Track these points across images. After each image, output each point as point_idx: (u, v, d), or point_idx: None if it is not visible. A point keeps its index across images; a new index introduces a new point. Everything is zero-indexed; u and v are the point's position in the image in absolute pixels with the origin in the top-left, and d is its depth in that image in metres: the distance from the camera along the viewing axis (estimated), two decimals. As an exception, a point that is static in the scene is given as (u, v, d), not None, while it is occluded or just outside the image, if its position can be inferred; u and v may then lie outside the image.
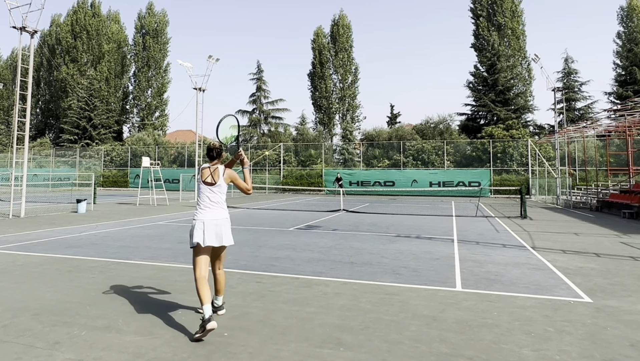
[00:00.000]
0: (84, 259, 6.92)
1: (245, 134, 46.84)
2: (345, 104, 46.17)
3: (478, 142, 35.11)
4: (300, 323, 4.02)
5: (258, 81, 47.22)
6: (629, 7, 39.60)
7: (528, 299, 4.86)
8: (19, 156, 15.20)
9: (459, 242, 9.15)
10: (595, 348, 3.49)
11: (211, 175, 4.15)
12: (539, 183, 28.69)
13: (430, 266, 6.64)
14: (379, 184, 32.74)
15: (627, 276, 6.06)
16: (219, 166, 4.22)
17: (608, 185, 23.87)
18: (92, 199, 18.62)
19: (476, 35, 41.83)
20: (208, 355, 3.31)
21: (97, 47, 49.91)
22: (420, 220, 13.82)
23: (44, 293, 4.94)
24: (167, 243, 8.68)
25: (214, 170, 4.18)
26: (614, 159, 29.61)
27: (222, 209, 4.14)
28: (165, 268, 6.40)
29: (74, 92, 46.93)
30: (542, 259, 7.22)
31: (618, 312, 4.44)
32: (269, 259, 7.05)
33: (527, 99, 39.08)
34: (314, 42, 46.72)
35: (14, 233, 10.06)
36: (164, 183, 24.87)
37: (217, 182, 4.13)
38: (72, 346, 3.44)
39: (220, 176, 4.15)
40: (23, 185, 14.38)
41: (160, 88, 51.05)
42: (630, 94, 32.43)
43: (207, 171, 4.19)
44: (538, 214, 16.28)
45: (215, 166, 4.21)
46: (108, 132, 47.14)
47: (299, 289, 5.24)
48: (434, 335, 3.76)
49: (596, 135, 27.19)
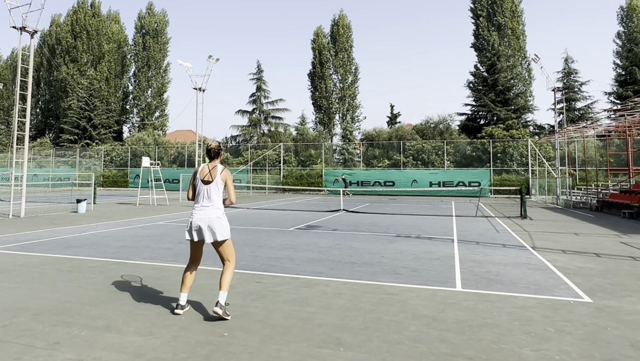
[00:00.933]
0: (84, 259, 6.92)
1: (245, 134, 46.86)
2: (345, 104, 46.18)
3: (478, 142, 35.11)
4: (300, 323, 4.02)
5: (258, 81, 47.21)
6: (629, 7, 39.60)
7: (528, 300, 4.86)
8: (19, 156, 15.20)
9: (459, 242, 9.15)
10: (595, 348, 3.48)
11: (209, 173, 4.26)
12: (539, 183, 28.69)
13: (430, 266, 6.64)
14: (379, 184, 32.75)
15: (627, 276, 6.06)
16: (218, 165, 4.33)
17: (608, 185, 23.87)
18: (92, 199, 18.62)
19: (476, 35, 41.83)
20: (208, 355, 3.31)
21: (97, 47, 49.92)
22: (420, 220, 13.82)
23: (44, 293, 4.94)
24: (167, 243, 8.68)
25: (213, 168, 4.29)
26: (614, 159, 29.61)
27: (215, 208, 4.22)
28: (165, 268, 6.40)
29: (74, 92, 46.93)
30: (542, 259, 7.22)
31: (618, 312, 4.44)
32: (269, 259, 7.05)
33: (527, 99, 39.08)
34: (314, 42, 46.72)
35: (14, 233, 10.06)
36: (164, 183, 24.87)
37: (214, 180, 4.23)
38: (72, 346, 3.44)
39: (218, 175, 4.25)
40: (23, 185, 14.39)
41: (160, 88, 51.06)
42: (630, 94, 32.43)
43: (205, 169, 4.31)
44: (538, 214, 16.28)
45: (214, 165, 4.33)
46: (108, 132, 47.13)
47: (299, 289, 5.23)
48: (434, 335, 3.76)
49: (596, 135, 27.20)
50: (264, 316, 4.22)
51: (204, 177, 4.25)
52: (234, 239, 9.40)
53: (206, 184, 4.23)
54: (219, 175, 4.25)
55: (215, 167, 4.28)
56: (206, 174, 4.26)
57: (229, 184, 4.34)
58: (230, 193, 4.37)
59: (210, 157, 4.35)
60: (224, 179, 4.29)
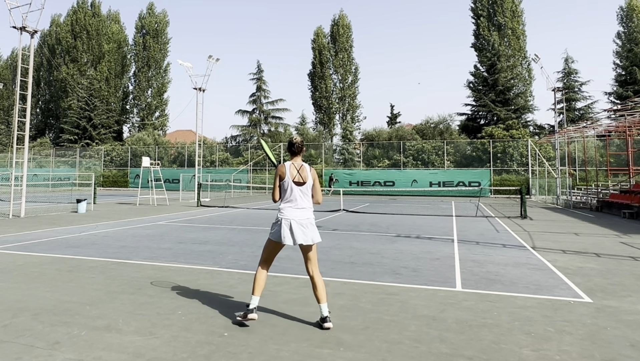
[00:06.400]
0: (84, 259, 6.92)
1: (245, 134, 46.87)
2: (345, 104, 46.20)
3: (478, 142, 35.11)
4: (300, 323, 4.02)
5: (258, 81, 47.23)
6: (628, 7, 39.61)
7: (528, 300, 4.86)
8: (19, 156, 15.19)
9: (459, 242, 9.15)
10: (595, 348, 3.48)
11: (299, 174, 4.05)
12: (539, 183, 28.69)
13: (430, 266, 6.64)
14: (379, 184, 32.75)
15: (627, 276, 6.06)
16: (304, 164, 4.13)
17: (608, 185, 23.88)
18: (92, 199, 18.62)
19: (476, 35, 41.84)
20: (208, 355, 3.30)
21: (97, 47, 49.92)
22: (420, 220, 13.82)
23: (44, 293, 4.94)
24: (167, 243, 8.68)
25: (301, 168, 4.08)
26: (614, 159, 29.61)
27: (310, 209, 4.07)
28: (165, 268, 6.40)
29: (74, 92, 46.92)
30: (542, 259, 7.22)
31: (618, 312, 4.43)
32: (269, 259, 7.04)
33: (527, 99, 39.09)
34: (314, 42, 46.75)
35: (14, 233, 10.06)
36: (164, 183, 24.85)
37: (306, 181, 4.05)
38: (72, 346, 3.44)
39: (309, 175, 4.08)
40: (23, 185, 14.39)
41: (160, 88, 51.08)
42: (630, 94, 32.43)
43: (293, 168, 4.06)
44: (538, 214, 16.27)
45: (300, 163, 4.11)
46: (108, 132, 47.13)
47: (299, 289, 5.23)
48: (434, 335, 3.76)
49: (596, 135, 27.20)
50: (264, 316, 4.22)
51: (294, 178, 4.01)
52: (234, 239, 9.41)
53: (298, 185, 4.02)
54: (309, 175, 4.06)
55: (303, 167, 4.07)
56: (296, 175, 4.02)
57: (316, 184, 4.15)
58: (318, 193, 4.16)
59: (293, 153, 4.14)
60: (314, 178, 4.12)
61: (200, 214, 15.36)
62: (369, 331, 3.84)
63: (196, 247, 8.27)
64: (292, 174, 4.03)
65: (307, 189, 4.06)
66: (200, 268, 6.43)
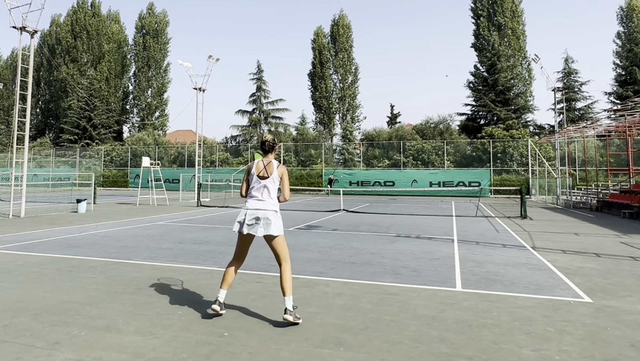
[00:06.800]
0: (84, 259, 6.92)
1: (245, 134, 46.86)
2: (345, 104, 46.19)
3: (478, 142, 35.11)
4: (300, 323, 4.02)
5: (258, 81, 47.21)
6: (628, 7, 39.62)
7: (528, 300, 4.86)
8: (19, 156, 15.19)
9: (459, 242, 9.15)
10: (595, 348, 3.48)
11: (265, 169, 4.18)
12: (539, 183, 28.69)
13: (430, 266, 6.64)
14: (379, 184, 32.75)
15: (627, 276, 6.06)
16: (273, 161, 4.24)
17: (608, 185, 23.88)
18: (92, 199, 18.62)
19: (476, 35, 41.84)
20: (208, 355, 3.30)
21: (97, 47, 49.91)
22: (420, 220, 13.82)
23: (44, 293, 4.94)
24: (167, 243, 8.69)
25: (268, 164, 4.20)
26: (614, 159, 29.61)
27: (271, 202, 4.13)
28: (165, 268, 6.40)
29: (74, 92, 46.91)
30: (542, 259, 7.22)
31: (618, 312, 4.44)
32: (269, 259, 7.03)
33: (527, 99, 39.09)
34: (314, 42, 46.74)
35: (14, 233, 10.06)
36: (164, 183, 24.86)
37: (269, 176, 4.15)
38: (72, 346, 3.44)
39: (274, 170, 4.17)
40: (23, 185, 14.38)
41: (160, 88, 51.08)
42: (630, 94, 32.43)
43: (260, 164, 4.21)
44: (538, 214, 16.28)
45: (269, 160, 4.23)
46: (108, 132, 47.12)
47: (299, 289, 5.23)
48: (434, 335, 3.76)
49: (596, 135, 27.20)
50: (264, 316, 4.22)
51: (259, 173, 4.16)
52: (234, 239, 9.40)
53: (262, 179, 4.14)
54: (275, 170, 4.17)
55: (271, 163, 4.19)
56: (261, 170, 4.16)
57: (284, 180, 4.22)
58: (285, 189, 4.26)
59: (264, 152, 4.25)
60: (280, 174, 4.21)
61: (200, 214, 15.36)
62: (369, 331, 3.84)
63: (196, 247, 8.27)
64: (258, 168, 4.20)
65: (271, 183, 4.15)
66: (200, 268, 6.43)
